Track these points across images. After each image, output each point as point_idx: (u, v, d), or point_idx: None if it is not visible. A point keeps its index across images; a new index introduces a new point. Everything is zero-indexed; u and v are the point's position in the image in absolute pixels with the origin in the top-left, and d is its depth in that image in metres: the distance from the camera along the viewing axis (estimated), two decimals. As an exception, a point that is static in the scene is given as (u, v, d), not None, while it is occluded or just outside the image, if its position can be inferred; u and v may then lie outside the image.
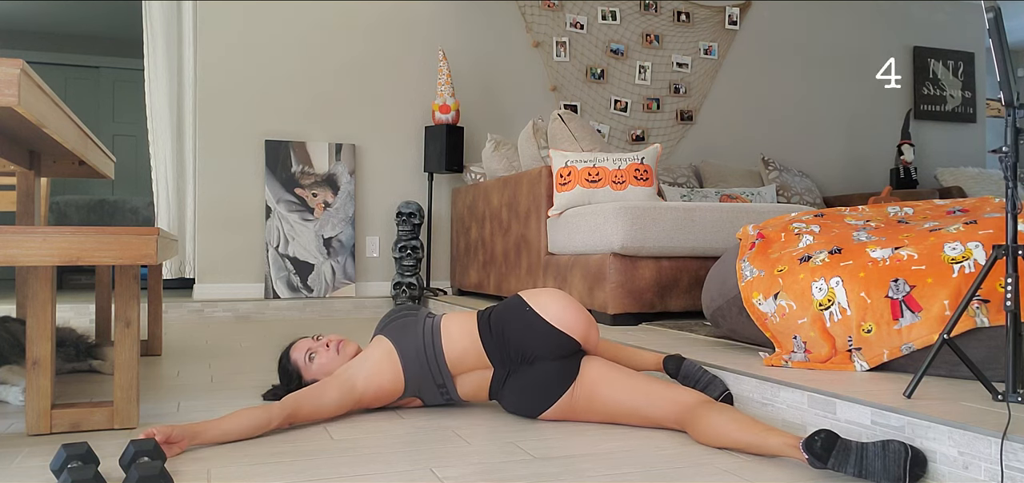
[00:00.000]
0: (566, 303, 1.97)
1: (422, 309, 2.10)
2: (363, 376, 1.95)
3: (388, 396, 2.00)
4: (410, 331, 2.00)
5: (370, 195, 5.16)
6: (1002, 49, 1.61)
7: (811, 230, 2.34)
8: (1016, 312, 1.60)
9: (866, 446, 1.46)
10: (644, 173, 3.52)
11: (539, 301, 1.97)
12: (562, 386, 1.92)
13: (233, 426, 1.71)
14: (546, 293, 2.00)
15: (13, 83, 1.42)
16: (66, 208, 5.95)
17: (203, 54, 4.83)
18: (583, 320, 1.96)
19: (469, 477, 1.50)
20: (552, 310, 1.94)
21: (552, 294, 1.99)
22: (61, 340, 2.68)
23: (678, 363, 2.16)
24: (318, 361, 2.05)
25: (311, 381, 2.06)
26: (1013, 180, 1.63)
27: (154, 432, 1.56)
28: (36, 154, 2.70)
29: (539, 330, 1.93)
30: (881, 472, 1.43)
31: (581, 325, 1.95)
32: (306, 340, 2.12)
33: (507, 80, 5.52)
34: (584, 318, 1.97)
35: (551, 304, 1.96)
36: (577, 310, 1.97)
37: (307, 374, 2.07)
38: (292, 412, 1.82)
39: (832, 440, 1.47)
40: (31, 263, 1.68)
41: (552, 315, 1.93)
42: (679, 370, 2.15)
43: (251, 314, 4.69)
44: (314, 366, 2.06)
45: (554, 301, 1.96)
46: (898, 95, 6.74)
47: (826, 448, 1.46)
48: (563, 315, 1.94)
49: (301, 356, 2.08)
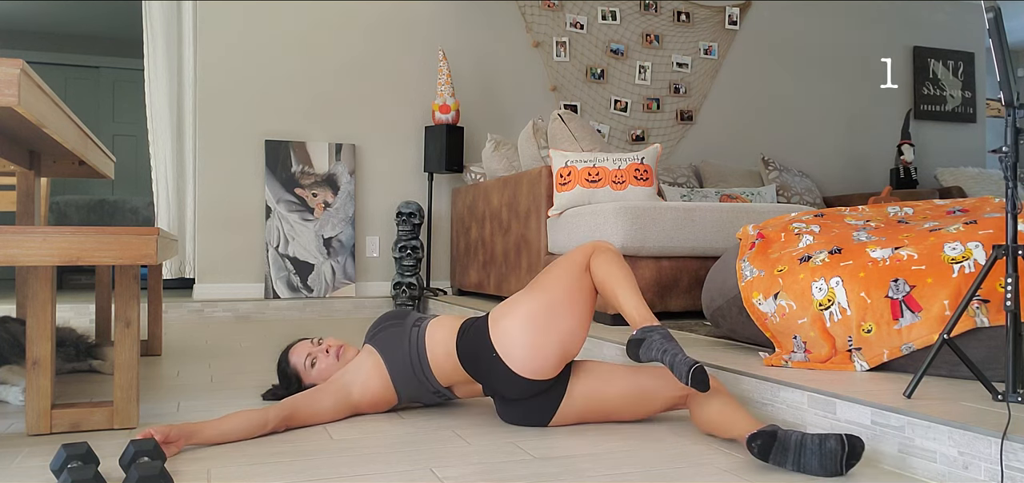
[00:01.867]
0: (533, 345, 1.81)
1: (411, 314, 2.04)
2: (357, 386, 1.95)
3: (384, 404, 2.00)
4: (396, 343, 1.96)
5: (370, 195, 5.16)
6: (1002, 49, 1.61)
7: (811, 230, 2.34)
8: (1016, 312, 1.60)
9: (804, 443, 1.53)
10: (644, 173, 3.52)
11: (505, 342, 1.83)
12: (552, 408, 1.89)
13: (230, 427, 1.72)
14: (512, 331, 1.83)
15: (13, 83, 1.42)
16: (66, 208, 5.95)
17: (203, 54, 4.83)
18: (554, 358, 1.82)
19: (469, 477, 1.50)
20: (518, 358, 1.81)
21: (518, 332, 1.82)
22: (61, 340, 2.68)
23: (637, 347, 1.84)
24: (318, 366, 2.05)
25: (310, 385, 2.06)
26: (1013, 180, 1.63)
27: (152, 432, 1.56)
28: (36, 154, 2.70)
29: (509, 379, 1.84)
30: (818, 468, 1.52)
31: (551, 364, 1.82)
32: (307, 343, 2.11)
33: (507, 80, 5.52)
34: (555, 354, 1.82)
35: (516, 349, 1.81)
36: (546, 350, 1.81)
37: (306, 379, 2.06)
38: (289, 415, 1.83)
39: (769, 442, 1.55)
40: (31, 263, 1.68)
41: (519, 365, 1.81)
42: (638, 354, 1.85)
43: (251, 314, 4.69)
44: (314, 371, 2.05)
45: (519, 345, 1.81)
46: (898, 95, 6.74)
47: (763, 451, 1.55)
48: (531, 362, 1.81)
49: (301, 360, 2.07)
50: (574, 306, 1.87)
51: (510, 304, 1.90)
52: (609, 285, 1.89)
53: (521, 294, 1.92)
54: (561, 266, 1.93)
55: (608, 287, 1.89)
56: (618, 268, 1.92)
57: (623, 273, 1.91)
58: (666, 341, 1.75)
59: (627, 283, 1.89)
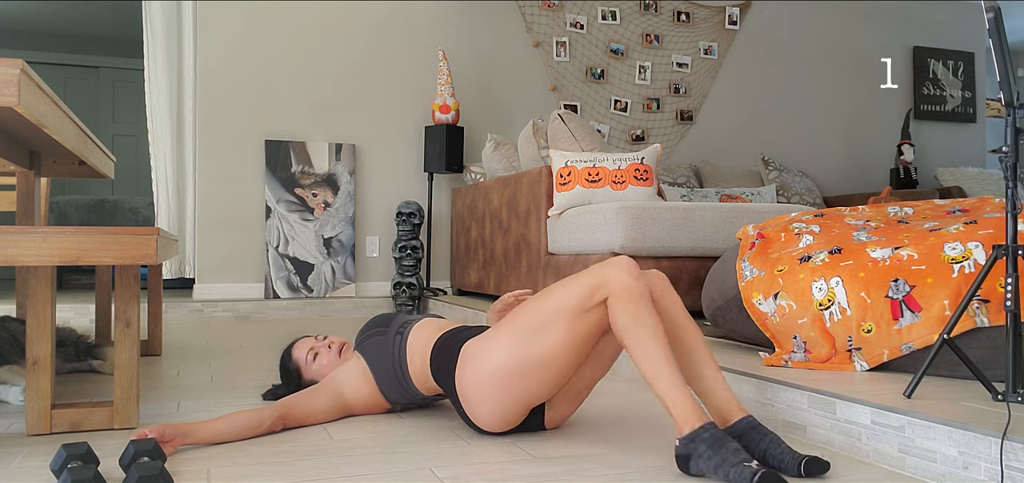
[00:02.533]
0: (496, 409, 1.68)
1: (397, 318, 2.00)
2: (347, 389, 1.95)
3: (376, 408, 2.00)
4: (380, 351, 1.94)
5: (370, 195, 5.16)
6: (1002, 49, 1.61)
7: (811, 230, 2.34)
8: (1016, 312, 1.60)
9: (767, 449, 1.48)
10: (644, 173, 3.52)
11: (468, 392, 1.70)
12: (537, 422, 1.84)
13: (225, 427, 1.72)
14: (477, 386, 1.68)
15: (13, 83, 1.42)
16: (66, 208, 5.95)
17: (203, 54, 4.83)
18: (522, 416, 1.72)
19: (469, 477, 1.50)
20: (479, 414, 1.72)
21: (484, 391, 1.67)
22: (61, 340, 2.68)
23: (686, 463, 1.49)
24: (319, 361, 2.05)
25: (310, 381, 2.06)
26: (1013, 180, 1.63)
27: (147, 432, 1.56)
28: (36, 154, 2.70)
29: (471, 423, 1.78)
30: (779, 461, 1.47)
31: (518, 420, 1.73)
32: (309, 339, 2.12)
33: (507, 80, 5.51)
34: (524, 412, 1.71)
35: (478, 406, 1.70)
36: (512, 414, 1.70)
37: (306, 373, 2.07)
38: (283, 415, 1.83)
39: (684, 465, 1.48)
40: (31, 263, 1.68)
41: (480, 420, 1.73)
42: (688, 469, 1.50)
43: (251, 314, 4.69)
44: (314, 366, 2.05)
45: (481, 402, 1.69)
46: (898, 95, 6.74)
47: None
48: (492, 422, 1.72)
49: (303, 355, 2.08)
50: (560, 360, 1.62)
51: (486, 343, 1.68)
52: (632, 351, 1.53)
53: (503, 332, 1.66)
54: (557, 303, 1.61)
55: (631, 354, 1.53)
56: (639, 325, 1.51)
57: (648, 332, 1.51)
58: (716, 448, 1.42)
59: (655, 351, 1.49)
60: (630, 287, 1.54)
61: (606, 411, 2.10)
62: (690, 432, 1.46)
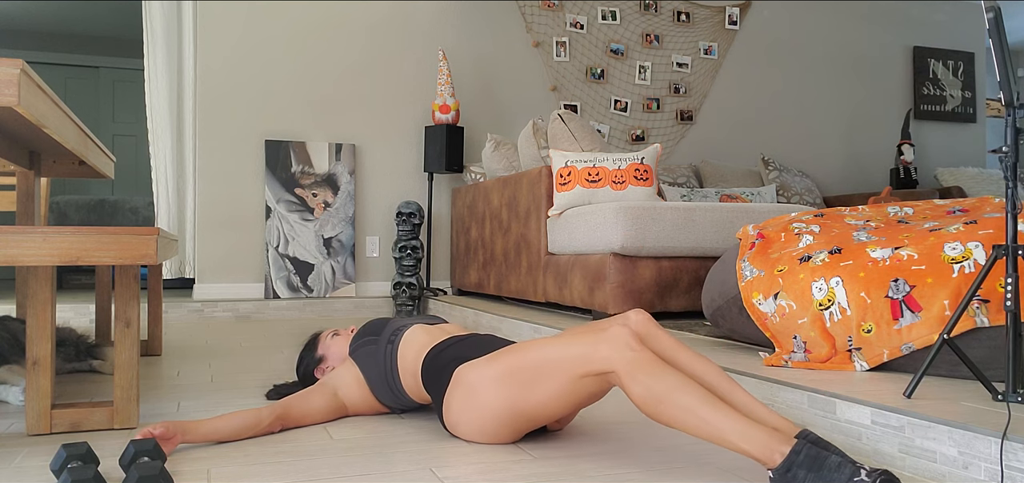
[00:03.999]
0: (485, 439, 1.70)
1: (389, 325, 2.01)
2: (343, 390, 1.97)
3: (371, 410, 2.01)
4: (372, 360, 1.95)
5: (370, 195, 5.16)
6: (1002, 49, 1.61)
7: (811, 230, 2.34)
8: (1016, 312, 1.60)
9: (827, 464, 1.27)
10: (644, 173, 3.52)
11: (459, 425, 1.72)
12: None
13: (223, 425, 1.72)
14: (464, 420, 1.68)
15: (13, 83, 1.42)
16: (66, 208, 5.95)
17: (203, 54, 4.83)
18: (509, 441, 1.71)
19: (469, 477, 1.50)
20: (467, 436, 1.72)
21: (472, 424, 1.68)
22: (61, 340, 2.68)
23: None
24: (338, 340, 2.14)
25: (321, 356, 2.14)
26: (1013, 180, 1.63)
27: (151, 430, 1.56)
28: (36, 154, 2.70)
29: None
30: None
31: (505, 443, 1.72)
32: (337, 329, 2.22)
33: (507, 80, 5.51)
34: (510, 440, 1.71)
35: (465, 432, 1.71)
36: (502, 440, 1.70)
37: (321, 348, 2.15)
38: (281, 414, 1.84)
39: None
40: (31, 263, 1.68)
41: (468, 439, 1.74)
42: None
43: (251, 314, 4.68)
44: (331, 343, 2.15)
45: (469, 431, 1.70)
46: (898, 95, 6.74)
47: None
48: (481, 440, 1.71)
49: (328, 334, 2.18)
50: (550, 410, 1.61)
51: (478, 375, 1.65)
52: (677, 424, 1.39)
53: (496, 372, 1.62)
54: (556, 358, 1.54)
55: (678, 426, 1.40)
56: (669, 393, 1.40)
57: (678, 393, 1.39)
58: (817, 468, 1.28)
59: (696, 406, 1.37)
60: (636, 361, 1.44)
61: (606, 411, 2.10)
62: (784, 460, 1.29)
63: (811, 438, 1.39)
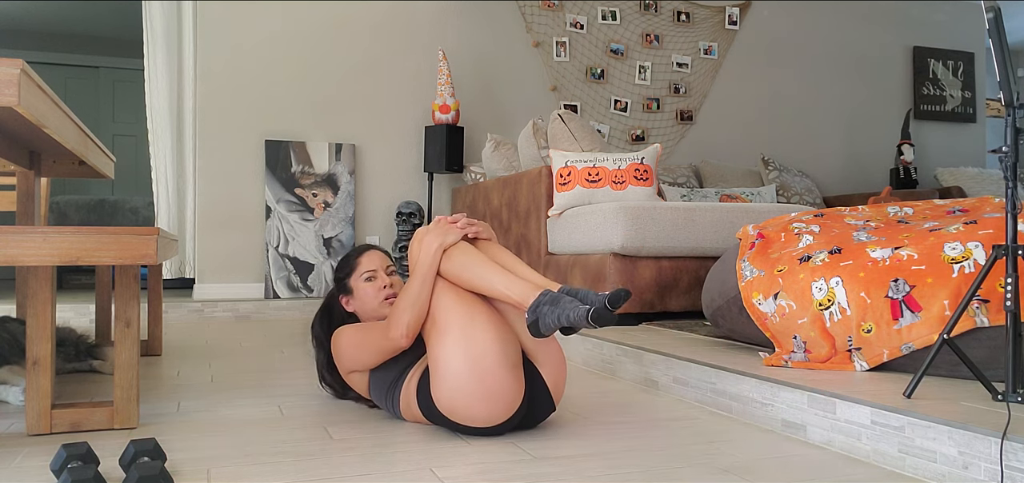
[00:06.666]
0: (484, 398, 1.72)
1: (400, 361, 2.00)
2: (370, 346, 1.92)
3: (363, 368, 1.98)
4: (380, 380, 1.96)
5: (370, 195, 5.16)
6: (1002, 49, 1.61)
7: (811, 230, 2.34)
8: (1016, 312, 1.60)
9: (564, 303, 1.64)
10: (644, 173, 3.52)
11: (457, 409, 1.74)
12: (541, 389, 1.85)
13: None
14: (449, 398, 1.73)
15: (13, 83, 1.42)
16: (66, 208, 5.95)
17: (203, 54, 4.83)
18: (504, 393, 1.73)
19: (469, 477, 1.50)
20: (482, 418, 1.75)
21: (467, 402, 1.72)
22: (61, 340, 2.68)
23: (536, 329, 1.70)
24: (374, 284, 2.03)
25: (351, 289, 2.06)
26: (1013, 180, 1.63)
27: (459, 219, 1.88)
28: (36, 154, 2.70)
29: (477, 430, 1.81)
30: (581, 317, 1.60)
31: (510, 396, 1.74)
32: (381, 257, 2.09)
33: (507, 80, 5.51)
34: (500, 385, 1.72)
35: (480, 415, 1.74)
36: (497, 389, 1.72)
37: (353, 280, 2.05)
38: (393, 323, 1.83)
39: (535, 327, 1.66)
40: (31, 263, 1.69)
41: (483, 421, 1.76)
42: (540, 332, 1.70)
43: (251, 314, 4.68)
44: (363, 289, 2.04)
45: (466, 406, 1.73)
46: (898, 95, 6.74)
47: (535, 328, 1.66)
48: (493, 416, 1.75)
49: (370, 266, 2.06)
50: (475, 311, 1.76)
51: (432, 360, 1.76)
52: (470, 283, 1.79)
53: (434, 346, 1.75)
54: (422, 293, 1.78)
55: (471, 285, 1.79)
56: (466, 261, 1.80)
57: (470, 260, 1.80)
58: (554, 304, 1.66)
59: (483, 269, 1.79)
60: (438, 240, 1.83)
61: (607, 411, 2.10)
62: (533, 302, 1.70)
63: (566, 290, 1.71)
